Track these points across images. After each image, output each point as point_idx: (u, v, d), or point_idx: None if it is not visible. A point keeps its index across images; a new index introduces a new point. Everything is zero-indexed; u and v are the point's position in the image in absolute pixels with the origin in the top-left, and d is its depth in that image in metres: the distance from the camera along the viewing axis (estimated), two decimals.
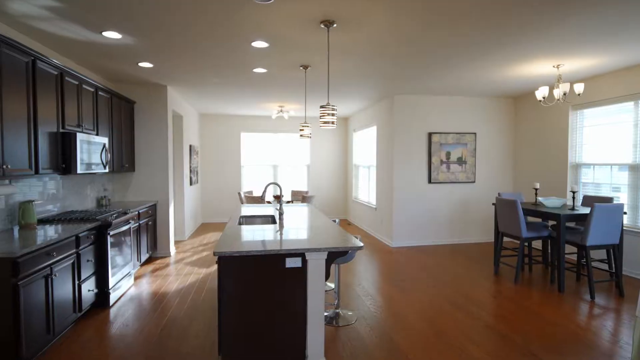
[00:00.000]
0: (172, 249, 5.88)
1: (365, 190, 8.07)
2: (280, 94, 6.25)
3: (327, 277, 2.59)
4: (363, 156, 8.28)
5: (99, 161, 4.08)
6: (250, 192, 8.10)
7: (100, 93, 4.31)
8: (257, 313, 2.44)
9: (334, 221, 4.05)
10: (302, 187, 9.37)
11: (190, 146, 7.44)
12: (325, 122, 3.12)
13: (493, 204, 5.01)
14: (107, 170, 4.24)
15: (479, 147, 6.54)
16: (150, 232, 5.32)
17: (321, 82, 5.30)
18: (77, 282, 3.14)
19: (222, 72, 4.74)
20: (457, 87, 5.71)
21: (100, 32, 3.34)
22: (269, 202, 7.44)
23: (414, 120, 6.30)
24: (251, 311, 2.43)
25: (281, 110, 7.45)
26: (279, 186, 3.72)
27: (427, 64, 4.40)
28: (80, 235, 3.19)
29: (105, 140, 4.22)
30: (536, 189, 4.78)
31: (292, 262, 2.50)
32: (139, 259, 4.79)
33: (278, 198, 7.50)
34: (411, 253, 5.85)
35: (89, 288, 3.37)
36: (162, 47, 3.78)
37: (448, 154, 6.39)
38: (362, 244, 2.57)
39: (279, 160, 9.23)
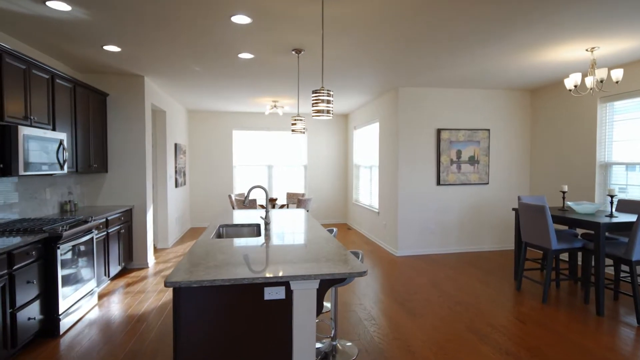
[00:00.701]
0: (151, 259, 5.26)
1: (367, 193, 7.45)
2: (273, 87, 5.64)
3: (319, 310, 1.98)
4: (364, 156, 7.66)
5: (55, 160, 3.46)
6: (242, 195, 7.48)
7: (58, 82, 3.70)
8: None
9: (331, 231, 3.44)
10: (299, 189, 8.75)
11: (176, 145, 6.82)
12: (318, 112, 2.50)
13: (513, 209, 4.39)
14: (65, 171, 3.62)
15: (492, 144, 5.92)
16: (123, 241, 4.70)
17: (316, 70, 4.68)
18: (8, 310, 2.52)
19: (202, 58, 4.13)
20: (468, 79, 5.10)
21: (44, 2, 2.72)
22: (262, 207, 6.83)
23: (421, 115, 5.69)
24: (218, 358, 1.82)
25: (275, 106, 6.84)
26: (264, 189, 3.10)
27: (435, 48, 3.78)
28: (14, 252, 2.56)
29: (63, 136, 3.60)
30: (564, 192, 4.16)
31: (273, 293, 1.88)
32: (107, 273, 4.17)
33: (273, 201, 6.89)
34: (418, 263, 5.22)
35: (29, 315, 2.75)
36: (127, 25, 3.16)
37: (459, 153, 5.77)
38: (365, 269, 1.95)
39: (274, 160, 8.61)
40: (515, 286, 4.21)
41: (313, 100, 2.51)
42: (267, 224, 3.09)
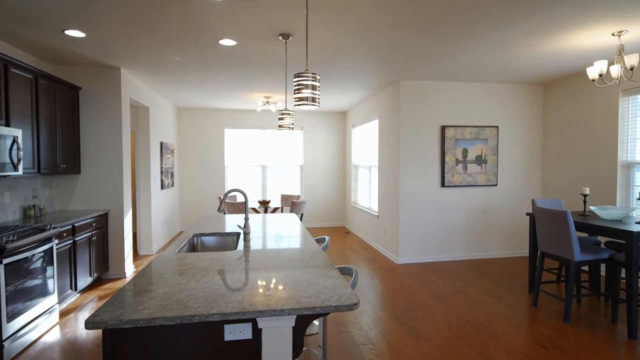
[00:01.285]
0: (130, 268, 4.82)
1: (366, 194, 7.00)
2: (261, 80, 5.20)
3: (297, 351, 1.54)
4: (363, 155, 7.21)
5: (7, 160, 3.03)
6: (234, 198, 7.05)
7: (14, 71, 3.26)
8: None
9: (323, 240, 3.00)
10: (294, 190, 8.31)
11: (162, 144, 6.38)
12: (301, 100, 2.05)
13: (528, 214, 3.94)
14: (20, 172, 3.18)
15: (501, 143, 5.47)
16: (97, 249, 4.26)
17: (309, 58, 4.24)
18: None
19: (179, 45, 3.69)
20: (476, 71, 4.65)
21: None
22: (254, 210, 6.40)
23: (424, 111, 5.24)
24: None
25: (267, 102, 6.40)
26: (243, 194, 2.67)
27: (440, 35, 3.34)
28: None
29: (18, 132, 3.17)
30: (585, 196, 3.71)
31: (236, 332, 1.44)
32: (73, 286, 3.74)
33: (265, 204, 6.45)
34: (421, 272, 4.77)
35: None
36: (89, 4, 2.72)
37: (465, 152, 5.32)
38: (356, 300, 1.51)
39: (268, 160, 8.17)
40: (531, 301, 3.76)
41: (295, 86, 2.07)
42: (246, 234, 2.65)
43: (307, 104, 2.03)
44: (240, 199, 8.02)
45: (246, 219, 2.69)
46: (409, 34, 3.39)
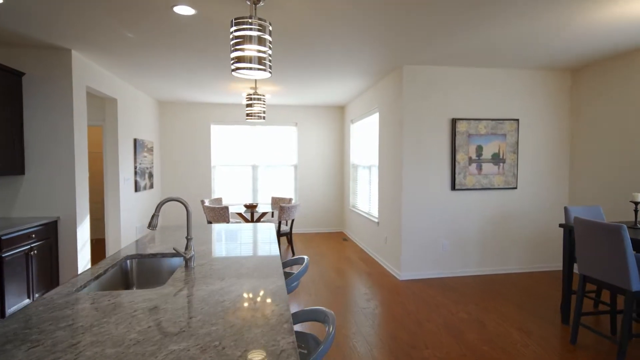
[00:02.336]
0: None
1: (365, 198, 6.26)
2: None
3: None
4: (363, 154, 6.47)
5: None
6: (219, 201, 6.35)
7: None
8: None
9: (302, 261, 2.29)
10: (288, 192, 7.59)
11: (137, 141, 5.69)
12: (240, 61, 1.33)
13: (561, 225, 3.18)
14: None
15: (522, 139, 4.70)
16: (39, 264, 3.57)
17: (287, 29, 3.51)
18: None
19: (129, 18, 2.98)
20: (492, 54, 3.89)
21: None
22: (240, 215, 5.69)
23: (432, 101, 4.49)
24: None
25: (255, 94, 5.68)
26: (183, 203, 1.95)
27: (450, 9, 2.59)
28: None
29: None
30: (636, 204, 2.94)
31: None
32: (0, 311, 3.05)
33: (252, 208, 5.74)
34: (428, 292, 4.03)
35: None
36: None
37: (479, 149, 4.56)
38: None
39: (259, 159, 7.46)
40: (568, 336, 2.99)
41: (233, 41, 1.35)
42: (187, 260, 1.93)
43: (251, 69, 1.31)
44: (227, 201, 7.32)
45: (188, 239, 1.97)
46: (412, 7, 2.65)
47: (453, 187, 4.52)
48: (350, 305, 3.66)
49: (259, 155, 7.44)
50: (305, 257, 2.50)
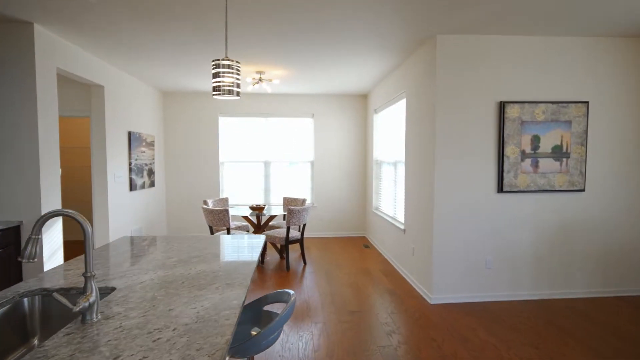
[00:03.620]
0: None
1: (390, 199, 5.39)
2: (238, 44, 3.72)
3: None
4: (388, 148, 5.59)
5: None
6: (224, 202, 5.68)
7: None
8: None
9: (287, 297, 1.52)
10: (304, 192, 6.82)
11: (132, 134, 5.10)
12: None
13: None
14: None
15: (593, 127, 3.67)
16: None
17: (297, 3, 2.70)
18: None
19: None
20: (555, 15, 2.92)
21: None
22: (246, 219, 4.99)
23: (473, 80, 3.56)
24: None
25: (260, 79, 4.94)
26: (76, 219, 1.20)
27: None
28: None
29: None
30: None
31: None
32: None
33: (259, 210, 5.03)
34: (468, 324, 3.13)
35: None
36: None
37: (535, 141, 3.58)
38: None
39: (272, 154, 6.73)
40: None
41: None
42: (83, 312, 1.18)
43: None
44: (235, 200, 6.65)
45: (87, 277, 1.22)
46: None
47: (500, 189, 3.57)
48: (365, 342, 2.83)
49: (272, 150, 6.72)
50: (291, 292, 1.73)
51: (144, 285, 1.58)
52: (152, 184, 5.84)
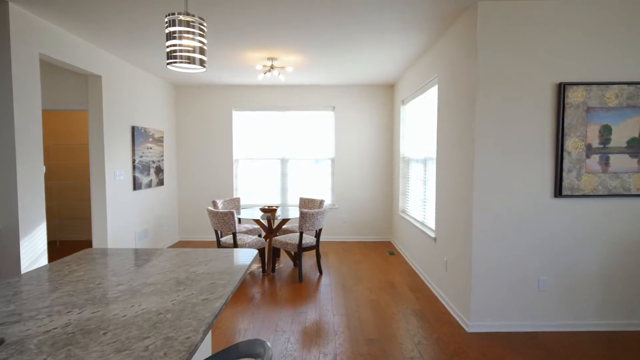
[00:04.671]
0: None
1: (419, 201, 4.73)
2: (254, 24, 3.21)
3: None
4: (416, 143, 4.93)
5: None
6: (236, 202, 5.23)
7: None
8: None
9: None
10: (323, 191, 6.27)
11: (136, 129, 4.75)
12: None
13: None
14: None
15: None
16: None
17: None
18: None
19: None
20: None
21: None
22: (258, 222, 4.51)
23: (524, 57, 2.86)
24: None
25: (272, 67, 4.42)
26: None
27: None
28: None
29: None
30: None
31: None
32: None
33: (272, 213, 4.54)
34: None
35: None
36: None
37: (605, 132, 2.84)
38: None
39: (289, 151, 6.23)
40: None
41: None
42: None
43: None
44: (247, 199, 6.19)
45: None
46: None
47: (558, 193, 2.86)
48: None
49: (289, 147, 6.21)
50: (267, 344, 1.18)
51: (46, 337, 1.08)
52: (160, 183, 5.49)
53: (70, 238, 6.20)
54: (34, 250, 3.11)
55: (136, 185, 4.79)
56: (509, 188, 2.90)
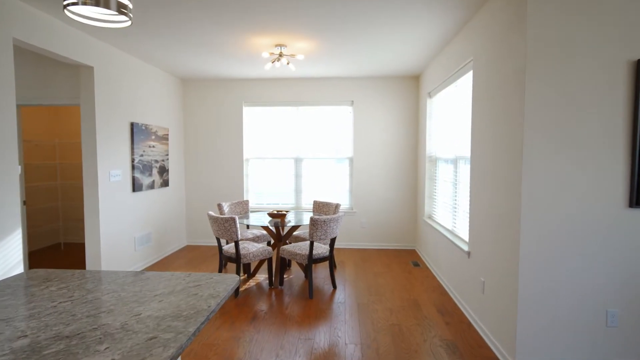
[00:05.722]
0: None
1: (448, 207, 4.13)
2: (260, 5, 2.73)
3: None
4: (445, 140, 4.32)
5: None
6: (244, 205, 4.80)
7: None
8: None
9: None
10: (340, 194, 5.74)
11: (135, 125, 4.38)
12: None
13: None
14: None
15: None
16: None
17: None
18: None
19: None
20: None
21: None
22: (266, 229, 4.05)
23: (588, 27, 2.23)
24: None
25: (280, 55, 3.93)
26: None
27: None
28: None
29: None
30: None
31: None
32: None
33: (281, 217, 4.07)
34: None
35: None
36: None
37: None
38: None
39: (304, 150, 5.74)
40: None
41: None
42: None
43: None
44: (255, 201, 5.75)
45: None
46: None
47: (634, 202, 2.22)
48: None
49: (303, 145, 5.72)
50: None
51: None
52: (165, 184, 5.12)
53: (75, 240, 5.96)
54: (5, 262, 2.75)
55: (136, 187, 4.42)
56: (569, 196, 2.29)
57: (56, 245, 5.75)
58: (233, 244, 3.99)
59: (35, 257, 5.15)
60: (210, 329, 2.99)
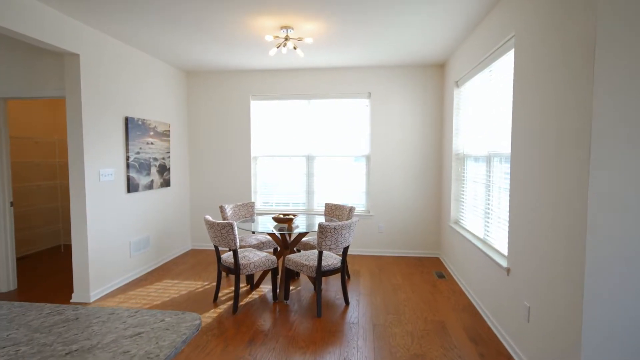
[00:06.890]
0: None
1: (479, 211, 3.56)
2: None
3: None
4: (476, 135, 3.76)
5: None
6: (249, 207, 4.38)
7: None
8: None
9: None
10: (356, 194, 5.23)
11: (129, 120, 4.01)
12: None
13: None
14: None
15: None
16: None
17: None
18: None
19: None
20: None
21: None
22: (271, 236, 3.60)
23: None
24: None
25: (286, 39, 3.47)
26: None
27: None
28: None
29: None
30: None
31: None
32: None
33: (288, 222, 3.62)
34: None
35: None
36: None
37: None
38: None
39: (316, 147, 5.26)
40: None
41: None
42: None
43: None
44: (262, 205, 5.30)
45: None
46: None
47: None
48: None
49: (316, 141, 5.25)
50: None
51: None
52: (166, 183, 4.75)
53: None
54: None
55: (131, 187, 4.06)
56: None
57: (56, 248, 5.49)
58: (231, 253, 3.55)
59: (34, 260, 4.88)
60: (199, 355, 2.55)
